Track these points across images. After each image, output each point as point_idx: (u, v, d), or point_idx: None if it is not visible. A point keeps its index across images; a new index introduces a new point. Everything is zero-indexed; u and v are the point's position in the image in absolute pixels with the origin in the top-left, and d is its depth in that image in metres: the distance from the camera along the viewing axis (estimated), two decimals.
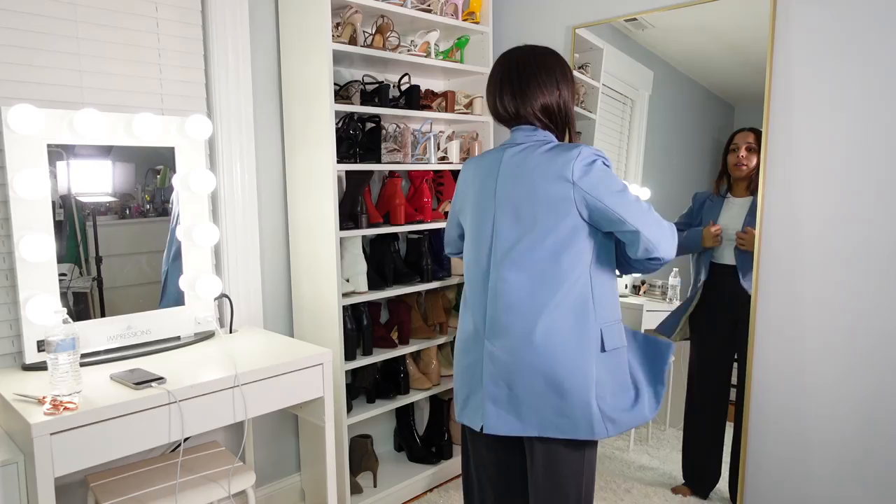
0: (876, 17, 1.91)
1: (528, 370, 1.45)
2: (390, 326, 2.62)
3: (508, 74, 1.56)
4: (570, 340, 1.44)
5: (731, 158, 2.24)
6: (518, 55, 1.58)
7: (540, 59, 1.56)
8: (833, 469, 2.08)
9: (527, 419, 1.47)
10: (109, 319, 1.89)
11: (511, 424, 1.49)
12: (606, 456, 2.67)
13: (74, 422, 1.42)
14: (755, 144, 2.17)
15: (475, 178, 1.62)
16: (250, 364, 1.79)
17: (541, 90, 1.53)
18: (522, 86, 1.53)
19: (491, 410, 1.51)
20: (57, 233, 1.78)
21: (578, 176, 1.43)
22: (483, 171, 1.60)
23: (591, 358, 1.45)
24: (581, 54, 2.66)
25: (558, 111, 1.56)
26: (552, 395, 1.44)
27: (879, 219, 1.94)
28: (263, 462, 2.41)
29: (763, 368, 2.20)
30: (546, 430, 1.46)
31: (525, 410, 1.47)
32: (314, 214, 2.28)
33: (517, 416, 1.48)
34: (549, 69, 1.55)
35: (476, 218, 1.59)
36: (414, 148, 2.56)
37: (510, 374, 1.47)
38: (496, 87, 1.59)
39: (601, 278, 1.51)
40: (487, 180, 1.57)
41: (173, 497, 1.69)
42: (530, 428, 1.47)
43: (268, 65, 2.35)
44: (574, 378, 1.44)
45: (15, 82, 1.80)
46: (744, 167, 2.20)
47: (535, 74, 1.54)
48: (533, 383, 1.45)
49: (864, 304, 1.98)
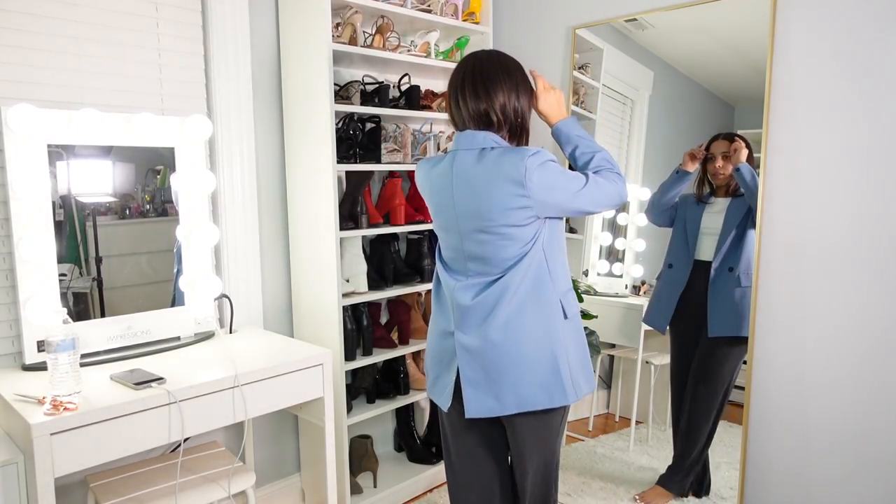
0: (876, 17, 1.91)
1: (498, 352, 1.51)
2: (390, 326, 2.62)
3: (472, 73, 1.56)
4: (535, 316, 1.50)
5: (709, 167, 2.32)
6: (483, 55, 1.60)
7: (502, 62, 1.58)
8: (834, 469, 2.08)
9: (504, 399, 1.52)
10: (109, 320, 1.89)
11: (490, 406, 1.54)
12: (606, 456, 2.67)
13: (74, 422, 1.42)
14: (730, 152, 2.25)
15: (429, 184, 1.63)
16: (250, 364, 1.79)
17: (502, 90, 1.54)
18: (486, 84, 1.54)
19: (470, 394, 1.55)
20: (57, 233, 1.78)
21: (531, 178, 1.45)
22: (436, 181, 1.60)
23: (556, 328, 1.52)
24: (581, 54, 2.66)
25: (515, 115, 1.57)
26: (525, 371, 1.50)
27: (880, 218, 1.94)
28: (263, 462, 2.41)
29: (763, 369, 2.20)
30: (523, 405, 1.52)
31: (501, 391, 1.52)
32: (314, 214, 2.28)
33: (494, 397, 1.53)
34: (510, 73, 1.57)
35: (443, 222, 1.61)
36: (414, 148, 2.56)
37: (484, 359, 1.52)
38: (457, 86, 1.58)
39: (553, 250, 1.55)
40: (444, 191, 1.58)
41: (173, 497, 1.69)
42: (509, 406, 1.52)
43: (268, 65, 2.35)
44: (544, 350, 1.50)
45: (15, 82, 1.80)
46: (721, 175, 2.28)
47: (498, 75, 1.55)
48: (505, 363, 1.51)
49: (864, 304, 1.98)
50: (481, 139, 1.53)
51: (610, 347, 2.71)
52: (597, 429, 2.79)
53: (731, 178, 2.25)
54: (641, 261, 2.56)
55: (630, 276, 2.59)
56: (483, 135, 1.53)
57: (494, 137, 1.53)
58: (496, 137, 1.54)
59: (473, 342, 1.53)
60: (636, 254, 2.57)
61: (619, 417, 2.76)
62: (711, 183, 2.32)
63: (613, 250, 2.64)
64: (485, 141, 1.53)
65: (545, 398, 1.51)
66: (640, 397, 2.62)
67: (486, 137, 1.53)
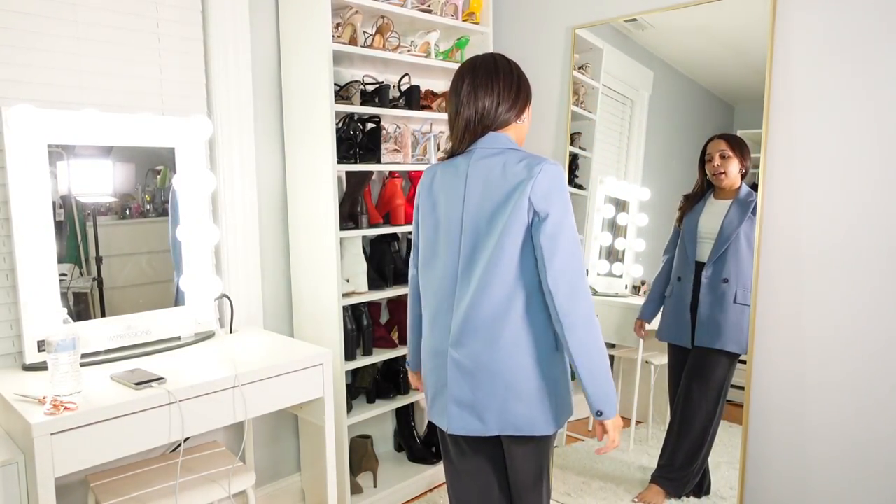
0: (876, 17, 1.91)
1: (490, 376, 1.49)
2: (390, 326, 2.62)
3: (496, 70, 1.52)
4: (529, 345, 1.48)
5: (707, 168, 2.29)
6: (499, 57, 1.57)
7: (518, 69, 1.57)
8: (833, 470, 2.08)
9: (487, 420, 1.51)
10: (109, 319, 1.89)
11: (472, 425, 1.53)
12: (606, 456, 2.67)
13: (75, 422, 1.42)
14: (729, 150, 2.22)
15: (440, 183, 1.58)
16: (250, 364, 1.79)
17: (525, 95, 1.54)
18: (514, 85, 1.53)
19: (454, 412, 1.54)
20: (57, 233, 1.78)
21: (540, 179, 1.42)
22: (448, 180, 1.56)
23: (548, 359, 1.50)
24: (581, 54, 2.66)
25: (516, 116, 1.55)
26: (513, 398, 1.49)
27: (880, 218, 1.94)
28: (263, 462, 2.41)
29: (763, 369, 2.20)
30: (505, 429, 1.51)
31: (486, 413, 1.51)
32: (314, 214, 2.28)
33: (478, 417, 1.52)
34: (526, 81, 1.57)
35: (444, 231, 1.56)
36: (414, 148, 2.56)
37: (474, 380, 1.51)
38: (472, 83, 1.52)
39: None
40: (454, 190, 1.54)
41: (173, 497, 1.69)
42: (491, 428, 1.52)
43: (268, 65, 2.35)
44: (533, 381, 1.48)
45: (15, 82, 1.80)
46: (722, 175, 2.24)
47: (521, 79, 1.55)
48: (495, 388, 1.49)
49: (864, 304, 1.98)
50: (504, 140, 1.52)
51: (610, 347, 2.71)
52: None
53: (731, 178, 2.23)
54: (641, 261, 2.56)
55: (630, 276, 2.59)
56: (505, 136, 1.52)
57: (512, 140, 1.53)
58: (513, 140, 1.53)
59: (465, 361, 1.51)
60: (636, 254, 2.57)
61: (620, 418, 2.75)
62: (712, 183, 2.29)
63: (613, 250, 2.64)
64: (508, 142, 1.52)
65: (528, 426, 1.50)
66: (640, 397, 2.62)
67: (508, 139, 1.52)
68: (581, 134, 2.69)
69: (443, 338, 1.56)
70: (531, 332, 1.48)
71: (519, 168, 1.45)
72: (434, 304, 1.59)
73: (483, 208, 1.48)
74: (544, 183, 1.41)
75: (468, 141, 1.54)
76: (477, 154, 1.52)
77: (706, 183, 2.32)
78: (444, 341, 1.56)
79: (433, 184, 1.61)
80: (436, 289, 1.59)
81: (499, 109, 1.52)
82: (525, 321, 1.48)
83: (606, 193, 2.62)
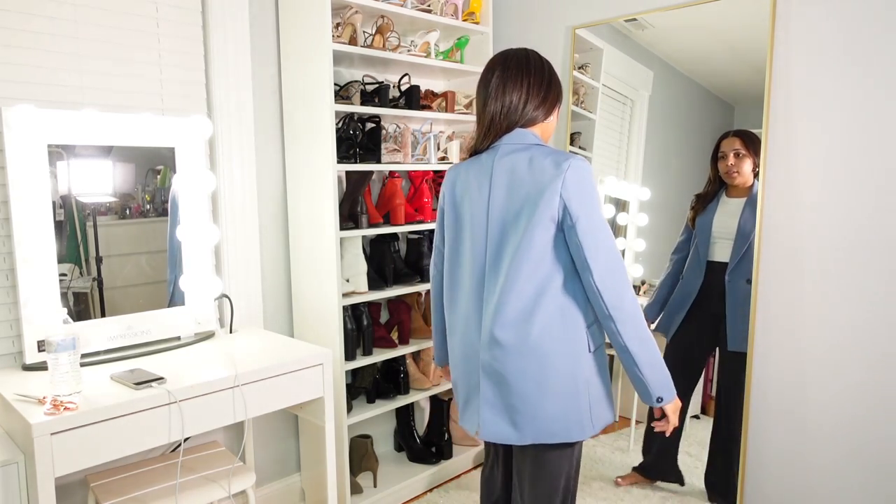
0: (875, 17, 1.91)
1: (522, 379, 1.45)
2: (390, 326, 2.62)
3: (527, 65, 1.49)
4: (561, 346, 1.44)
5: (721, 166, 2.25)
6: (532, 53, 1.53)
7: (550, 67, 1.54)
8: (834, 469, 2.08)
9: (522, 428, 1.47)
10: (109, 319, 1.89)
11: (507, 433, 1.49)
12: (606, 456, 2.67)
13: (75, 422, 1.42)
14: (743, 149, 2.18)
15: (463, 181, 1.56)
16: (250, 364, 1.79)
17: (555, 95, 1.52)
18: (544, 82, 1.50)
19: (487, 416, 1.50)
20: (57, 233, 1.78)
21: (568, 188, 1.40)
22: (473, 177, 1.53)
23: (581, 360, 1.46)
24: (581, 54, 2.66)
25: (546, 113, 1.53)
26: (546, 401, 1.45)
27: (879, 218, 1.94)
28: (263, 462, 2.41)
29: (763, 368, 2.20)
30: (540, 436, 1.47)
31: (520, 419, 1.47)
32: (314, 214, 2.28)
33: (513, 424, 1.48)
34: (557, 81, 1.55)
35: (470, 228, 1.54)
36: (414, 148, 2.56)
37: (506, 384, 1.47)
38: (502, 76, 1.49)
39: (579, 281, 1.48)
40: (481, 188, 1.51)
41: (173, 497, 1.69)
42: (526, 436, 1.47)
43: (268, 65, 2.35)
44: (567, 383, 1.45)
45: (15, 82, 1.80)
46: (736, 174, 2.21)
47: (552, 78, 1.52)
48: (527, 391, 1.45)
49: (864, 304, 1.98)
50: (531, 136, 1.50)
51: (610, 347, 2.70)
52: None
53: (744, 176, 2.18)
54: (642, 261, 2.56)
55: (630, 276, 2.59)
56: (531, 133, 1.50)
57: (538, 136, 1.51)
58: (539, 137, 1.51)
59: (496, 364, 1.47)
60: (636, 254, 2.57)
61: (619, 417, 2.75)
62: (722, 181, 2.26)
63: None
64: (534, 138, 1.50)
65: (563, 432, 1.46)
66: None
67: (534, 136, 1.50)
68: (581, 134, 2.69)
69: (473, 340, 1.52)
70: (562, 324, 1.44)
71: (546, 163, 1.42)
72: (463, 305, 1.56)
73: (511, 203, 1.45)
74: (574, 179, 1.39)
75: (493, 137, 1.51)
76: (502, 150, 1.49)
77: (718, 180, 2.27)
78: (475, 343, 1.52)
79: (456, 183, 1.58)
80: (464, 289, 1.56)
81: (527, 106, 1.49)
82: (556, 313, 1.44)
83: (606, 193, 2.62)
